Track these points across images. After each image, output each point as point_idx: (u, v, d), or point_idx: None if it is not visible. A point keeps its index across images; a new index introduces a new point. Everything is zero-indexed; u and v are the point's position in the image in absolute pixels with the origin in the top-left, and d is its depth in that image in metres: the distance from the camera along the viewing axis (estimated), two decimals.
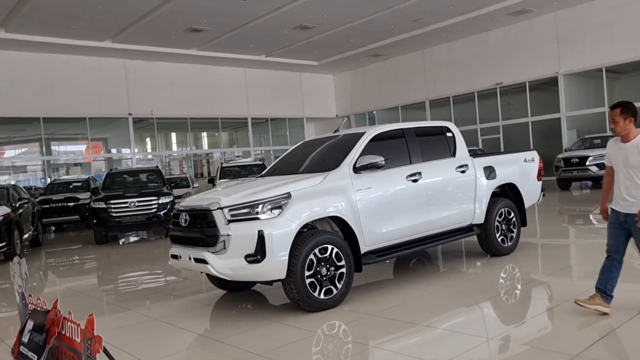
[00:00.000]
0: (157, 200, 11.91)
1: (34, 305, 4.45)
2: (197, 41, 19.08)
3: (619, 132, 4.12)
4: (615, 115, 4.10)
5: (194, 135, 25.20)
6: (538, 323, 4.41)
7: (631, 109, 4.08)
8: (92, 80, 19.52)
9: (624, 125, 4.07)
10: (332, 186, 5.20)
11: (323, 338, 4.42)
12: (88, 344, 3.55)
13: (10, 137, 20.05)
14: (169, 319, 5.31)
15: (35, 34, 16.63)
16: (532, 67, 19.37)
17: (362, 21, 17.90)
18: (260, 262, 4.66)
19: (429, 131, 6.57)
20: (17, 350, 4.38)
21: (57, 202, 15.38)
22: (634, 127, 4.08)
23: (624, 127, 4.08)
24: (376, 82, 24.92)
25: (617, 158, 4.21)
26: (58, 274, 9.44)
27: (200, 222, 5.04)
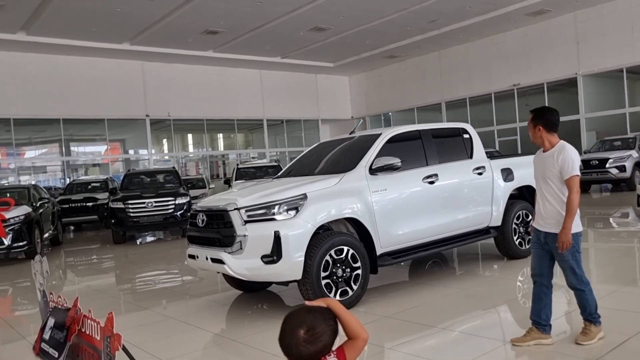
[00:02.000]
0: (174, 200, 12.03)
1: (55, 303, 4.52)
2: (214, 43, 19.23)
3: (532, 140, 3.88)
4: (529, 123, 3.87)
5: (210, 136, 25.39)
6: (556, 327, 4.35)
7: (540, 117, 3.77)
8: (110, 82, 19.78)
9: (534, 134, 3.82)
10: (348, 187, 5.21)
11: (338, 340, 4.42)
12: (107, 341, 3.61)
13: (31, 138, 20.42)
14: (186, 318, 5.36)
15: (55, 36, 16.89)
16: (551, 68, 19.16)
17: (378, 22, 17.87)
18: (277, 262, 4.69)
19: (446, 133, 6.54)
20: (38, 347, 4.46)
21: (76, 202, 15.62)
22: (551, 136, 3.76)
23: (534, 135, 3.82)
24: (392, 83, 24.85)
25: (537, 170, 3.88)
26: (77, 272, 9.58)
27: (217, 222, 5.08)
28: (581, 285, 3.74)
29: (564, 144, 3.75)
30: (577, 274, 3.72)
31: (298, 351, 1.68)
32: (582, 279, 3.73)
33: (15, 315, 6.65)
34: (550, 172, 3.72)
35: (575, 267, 3.71)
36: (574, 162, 3.63)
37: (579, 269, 3.71)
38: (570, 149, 3.72)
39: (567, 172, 3.61)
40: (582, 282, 3.74)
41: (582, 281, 3.74)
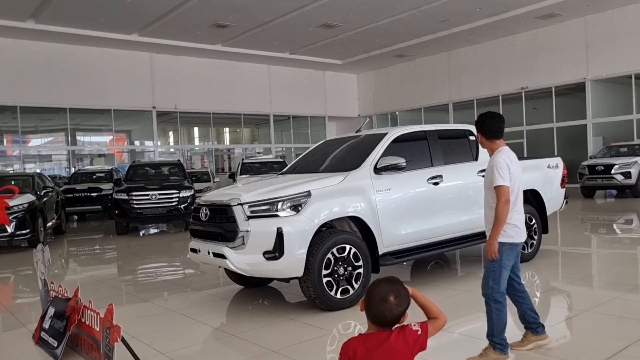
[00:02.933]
0: (178, 193, 12.05)
1: (56, 292, 4.54)
2: (222, 37, 19.21)
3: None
4: None
5: (216, 130, 25.40)
6: (556, 332, 4.34)
7: (479, 124, 3.67)
8: (118, 73, 19.81)
9: (480, 141, 3.72)
10: (353, 186, 5.20)
11: (338, 337, 4.42)
12: (107, 332, 3.62)
13: (37, 127, 20.47)
14: (186, 312, 5.36)
15: (64, 25, 16.93)
16: (559, 71, 19.06)
17: (388, 21, 17.82)
18: (278, 259, 4.69)
19: (452, 134, 6.52)
20: (38, 336, 4.48)
21: (80, 192, 15.66)
22: (491, 143, 3.63)
23: (481, 143, 3.73)
24: (400, 82, 24.79)
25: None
26: (79, 262, 9.61)
27: (220, 217, 5.08)
28: (489, 300, 3.55)
29: (499, 150, 3.60)
30: (490, 285, 3.54)
31: (392, 314, 2.05)
32: (492, 294, 3.53)
33: (16, 303, 6.67)
34: (486, 178, 3.65)
35: (489, 277, 3.55)
36: (499, 171, 3.46)
37: (494, 281, 3.52)
38: (500, 155, 3.55)
39: (493, 181, 3.50)
40: (492, 297, 3.52)
41: (491, 296, 3.52)
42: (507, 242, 3.54)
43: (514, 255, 3.59)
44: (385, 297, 2.06)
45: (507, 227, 3.53)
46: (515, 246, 3.59)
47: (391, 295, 2.07)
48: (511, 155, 3.63)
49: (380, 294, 2.08)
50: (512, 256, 3.58)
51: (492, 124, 3.67)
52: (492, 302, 3.57)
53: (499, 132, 3.65)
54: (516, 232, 3.56)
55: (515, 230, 3.55)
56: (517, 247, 3.60)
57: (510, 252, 3.56)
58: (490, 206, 3.61)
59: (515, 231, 3.56)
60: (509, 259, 3.56)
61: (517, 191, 3.59)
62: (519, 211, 3.62)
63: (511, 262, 3.58)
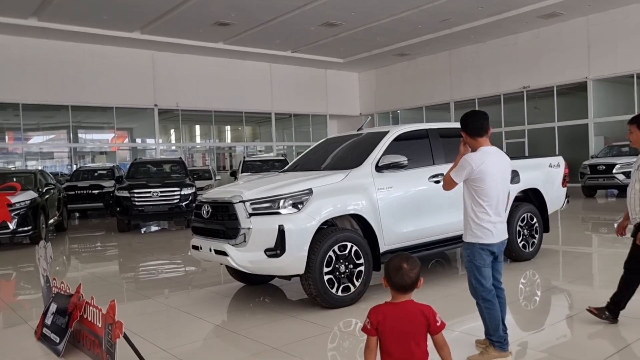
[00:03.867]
0: (180, 191, 12.07)
1: (58, 288, 4.56)
2: (224, 35, 19.22)
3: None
4: None
5: (218, 128, 25.41)
6: (557, 331, 4.35)
7: (462, 123, 3.68)
8: (120, 71, 19.82)
9: (465, 141, 3.71)
10: (354, 184, 5.21)
11: (339, 335, 4.44)
12: (109, 329, 3.63)
13: (39, 124, 20.50)
14: (188, 309, 5.38)
15: (66, 23, 16.94)
16: (561, 71, 19.04)
17: (390, 20, 17.81)
18: (280, 256, 4.70)
19: (454, 132, 6.45)
20: (40, 332, 4.49)
21: (82, 189, 15.69)
22: (474, 142, 3.62)
23: (466, 142, 3.71)
24: (401, 81, 24.78)
25: None
26: (81, 259, 9.63)
27: (222, 214, 5.09)
28: (477, 299, 3.60)
29: (479, 149, 3.59)
30: (473, 285, 3.58)
31: (409, 278, 2.44)
32: (478, 293, 3.57)
33: (17, 299, 6.70)
34: None
35: (470, 278, 3.60)
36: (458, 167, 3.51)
37: (476, 281, 3.55)
38: (471, 155, 3.55)
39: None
40: (479, 296, 3.57)
41: (478, 295, 3.57)
42: (476, 243, 3.54)
43: (486, 254, 3.55)
44: (399, 266, 2.45)
45: (475, 228, 3.52)
46: (487, 247, 3.53)
47: (403, 263, 2.46)
48: (488, 155, 3.54)
49: (394, 265, 2.47)
50: (483, 255, 3.54)
51: (474, 121, 3.65)
52: (480, 301, 3.59)
53: (481, 129, 3.61)
54: (485, 234, 3.50)
55: (483, 231, 3.50)
56: (489, 247, 3.54)
57: (480, 252, 3.53)
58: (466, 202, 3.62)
59: (484, 232, 3.50)
60: (481, 259, 3.54)
61: (494, 193, 3.51)
62: (494, 214, 3.53)
63: (485, 261, 3.55)
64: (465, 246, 3.64)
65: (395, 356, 2.38)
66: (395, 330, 2.38)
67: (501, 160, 3.63)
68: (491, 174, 3.51)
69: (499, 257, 3.66)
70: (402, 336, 2.38)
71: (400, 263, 2.46)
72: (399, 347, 2.36)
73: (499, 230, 3.58)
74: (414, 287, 2.47)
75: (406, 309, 2.43)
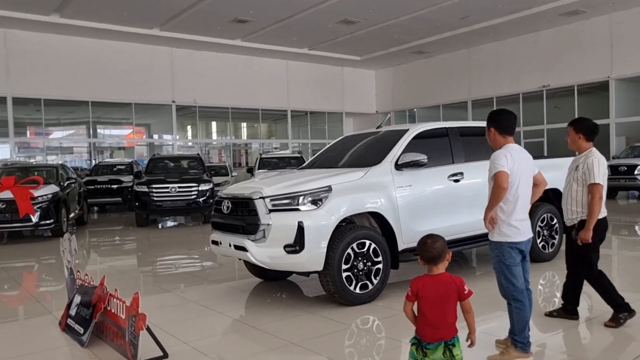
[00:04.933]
0: (197, 187, 12.17)
1: (82, 280, 4.64)
2: (242, 32, 19.30)
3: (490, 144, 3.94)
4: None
5: (234, 125, 25.53)
6: (576, 333, 4.32)
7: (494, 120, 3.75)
8: (139, 67, 20.02)
9: (487, 135, 3.84)
10: (373, 182, 5.22)
11: (357, 332, 4.46)
12: (132, 320, 3.70)
13: (59, 119, 20.80)
14: (207, 303, 5.44)
15: (87, 19, 17.15)
16: (582, 70, 18.77)
17: (408, 17, 17.72)
18: (299, 252, 4.73)
19: (473, 131, 6.48)
20: (64, 323, 4.59)
21: (101, 184, 15.91)
22: (505, 139, 3.70)
23: (488, 138, 3.85)
24: (418, 79, 24.64)
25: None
26: (101, 252, 9.78)
27: (242, 210, 5.14)
28: (508, 299, 3.61)
29: (505, 146, 3.62)
30: (504, 285, 3.59)
31: (435, 250, 2.84)
32: (509, 293, 3.57)
33: (41, 290, 6.83)
34: (488, 173, 3.69)
35: (500, 278, 3.61)
36: (495, 161, 3.52)
37: (506, 281, 3.56)
38: (500, 150, 3.58)
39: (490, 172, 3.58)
40: (510, 296, 3.58)
41: (509, 295, 3.58)
42: (504, 242, 3.54)
43: (515, 253, 3.56)
44: (424, 242, 2.88)
45: (504, 227, 3.53)
46: (515, 245, 3.55)
47: (427, 239, 2.88)
48: (515, 152, 3.58)
49: (420, 242, 2.91)
50: (512, 254, 3.55)
51: (507, 119, 3.69)
52: (511, 301, 3.58)
53: (512, 127, 3.69)
54: (513, 232, 3.53)
55: (512, 229, 3.52)
56: (517, 245, 3.55)
57: (510, 251, 3.54)
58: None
59: (513, 230, 3.52)
60: (511, 258, 3.54)
61: (519, 191, 3.53)
62: (522, 211, 3.56)
63: (515, 260, 3.56)
64: (492, 246, 3.63)
65: (430, 318, 2.77)
66: (431, 296, 2.77)
67: (526, 158, 3.65)
68: (519, 172, 3.53)
69: (527, 256, 3.66)
70: (437, 301, 2.77)
71: (425, 239, 2.89)
72: (434, 310, 2.76)
73: (526, 228, 3.59)
74: (442, 258, 2.85)
75: (441, 279, 2.83)
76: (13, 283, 7.14)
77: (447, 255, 2.87)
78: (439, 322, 2.75)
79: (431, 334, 2.76)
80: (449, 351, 2.76)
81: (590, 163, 4.13)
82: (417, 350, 2.81)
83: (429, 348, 2.77)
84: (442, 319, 2.75)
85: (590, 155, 4.20)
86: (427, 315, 2.77)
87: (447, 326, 2.76)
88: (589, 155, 4.21)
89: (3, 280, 7.34)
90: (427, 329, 2.77)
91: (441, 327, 2.75)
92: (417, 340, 2.84)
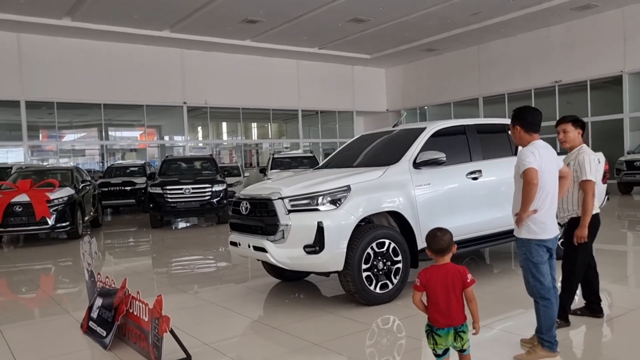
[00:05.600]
0: (211, 187, 12.20)
1: (103, 283, 4.66)
2: (252, 32, 19.31)
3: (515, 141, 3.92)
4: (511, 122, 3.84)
5: (245, 125, 25.58)
6: (598, 330, 4.27)
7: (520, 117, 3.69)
8: (150, 69, 20.11)
9: (512, 133, 3.78)
10: (392, 181, 5.19)
11: (377, 332, 4.44)
12: (155, 323, 3.70)
13: (71, 122, 20.94)
14: (226, 304, 5.44)
15: (99, 22, 17.24)
16: (595, 64, 18.55)
17: (418, 14, 17.61)
18: (319, 253, 4.71)
19: (491, 128, 6.43)
20: (86, 325, 4.60)
21: (115, 186, 16.00)
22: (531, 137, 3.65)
23: (513, 135, 3.80)
24: (429, 77, 24.52)
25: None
26: (117, 254, 9.82)
27: (261, 211, 5.13)
28: (535, 297, 3.56)
29: (532, 143, 3.59)
30: (531, 284, 3.54)
31: (443, 242, 3.06)
32: (536, 292, 3.53)
33: (61, 293, 6.87)
34: (515, 170, 3.64)
35: (527, 276, 3.57)
36: (523, 159, 3.46)
37: (533, 279, 3.52)
38: (527, 147, 3.55)
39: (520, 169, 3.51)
40: (538, 294, 3.53)
41: (537, 294, 3.53)
42: (532, 239, 3.50)
43: (543, 251, 3.52)
44: (434, 234, 3.11)
45: (532, 223, 3.48)
46: (543, 242, 3.50)
47: (437, 232, 3.12)
48: (542, 149, 3.55)
49: (430, 234, 3.14)
50: (540, 252, 3.50)
51: (534, 116, 3.66)
52: (538, 299, 3.53)
53: (538, 125, 3.66)
54: (541, 229, 3.49)
55: (540, 226, 3.48)
56: (544, 243, 3.51)
57: (537, 249, 3.49)
58: (517, 199, 3.60)
59: (540, 227, 3.48)
60: (539, 255, 3.50)
61: (547, 187, 3.50)
62: (548, 208, 3.52)
63: (542, 257, 3.51)
64: (519, 243, 3.59)
65: (441, 305, 2.98)
66: (439, 285, 2.99)
67: (552, 154, 3.62)
68: (546, 168, 3.50)
69: (553, 254, 3.61)
70: (444, 289, 2.99)
71: (435, 232, 3.13)
72: (442, 296, 2.98)
73: (553, 225, 3.56)
74: (449, 250, 3.07)
75: (447, 269, 3.05)
76: (32, 285, 7.20)
77: (453, 248, 3.09)
78: (447, 309, 2.96)
79: (442, 321, 2.98)
80: (459, 337, 2.98)
81: (582, 160, 4.08)
82: (429, 338, 3.05)
83: (439, 334, 2.99)
84: (450, 305, 2.96)
85: (581, 152, 4.17)
86: (436, 303, 2.99)
87: (456, 313, 2.96)
88: (580, 152, 4.17)
89: (21, 282, 7.41)
90: (437, 315, 2.99)
91: (450, 314, 2.96)
92: (429, 327, 3.06)
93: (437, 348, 3.02)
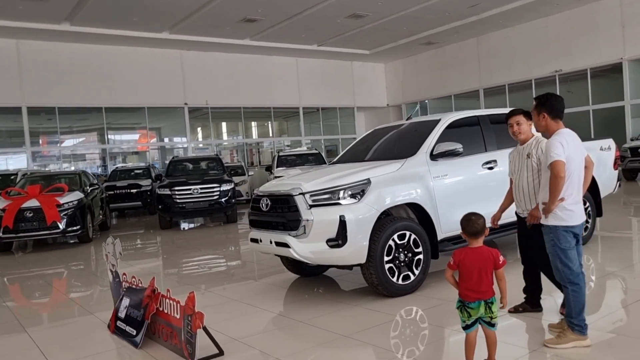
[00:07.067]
0: (219, 187, 12.23)
1: (129, 283, 4.70)
2: (251, 31, 19.31)
3: (537, 129, 3.99)
4: (533, 110, 3.90)
5: (246, 124, 25.59)
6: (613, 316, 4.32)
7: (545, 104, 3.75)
8: (150, 71, 20.10)
9: (537, 121, 3.79)
10: (410, 173, 5.23)
11: (401, 323, 4.48)
12: (188, 320, 3.74)
13: (72, 127, 20.93)
14: (249, 300, 5.48)
15: (98, 26, 17.23)
16: (595, 53, 18.59)
17: (417, 8, 17.63)
18: (342, 246, 4.75)
19: (503, 119, 6.45)
20: (113, 325, 4.64)
21: (121, 189, 16.01)
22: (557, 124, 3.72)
23: (538, 124, 3.81)
24: (428, 70, 24.55)
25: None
26: (130, 256, 9.84)
27: (282, 206, 5.16)
28: (564, 282, 3.60)
29: (558, 132, 3.63)
30: (560, 269, 3.59)
31: (478, 225, 3.30)
32: (565, 277, 3.57)
33: (81, 295, 6.89)
34: (543, 160, 3.69)
35: (556, 262, 3.61)
36: (552, 150, 3.49)
37: (562, 264, 3.56)
38: (555, 137, 3.58)
39: (547, 160, 3.55)
40: (567, 279, 3.57)
41: (566, 278, 3.57)
42: (559, 225, 3.54)
43: (570, 237, 3.56)
44: (469, 218, 3.35)
45: (559, 210, 3.52)
46: (570, 229, 3.55)
47: (472, 216, 3.35)
48: (569, 138, 3.60)
49: (465, 218, 3.37)
50: (568, 238, 3.55)
51: (558, 102, 3.71)
52: (567, 284, 3.57)
53: (563, 111, 3.71)
54: (568, 215, 3.53)
55: (567, 213, 3.53)
56: (572, 229, 3.56)
57: (564, 234, 3.53)
58: (544, 189, 3.65)
59: (568, 214, 3.53)
60: (566, 241, 3.54)
61: (573, 175, 3.55)
62: (575, 195, 3.56)
63: (570, 243, 3.55)
64: (546, 230, 3.63)
65: (472, 283, 3.21)
66: (472, 265, 3.23)
67: (578, 142, 3.65)
68: (573, 157, 3.54)
69: (580, 240, 3.65)
70: (477, 269, 3.23)
71: (469, 216, 3.35)
72: (475, 276, 3.22)
73: (580, 211, 3.59)
74: (482, 233, 3.30)
75: (480, 251, 3.29)
76: (50, 289, 7.24)
77: (485, 231, 3.32)
78: (478, 286, 3.20)
79: (472, 296, 3.21)
80: (489, 308, 3.21)
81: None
82: (462, 312, 3.25)
83: (471, 307, 3.22)
84: (481, 283, 3.21)
85: (541, 140, 4.19)
86: (468, 280, 3.23)
87: (485, 289, 3.21)
88: (540, 140, 4.20)
89: (39, 287, 7.44)
90: (468, 292, 3.23)
91: (480, 290, 3.20)
92: (461, 303, 3.27)
93: (469, 320, 3.23)
